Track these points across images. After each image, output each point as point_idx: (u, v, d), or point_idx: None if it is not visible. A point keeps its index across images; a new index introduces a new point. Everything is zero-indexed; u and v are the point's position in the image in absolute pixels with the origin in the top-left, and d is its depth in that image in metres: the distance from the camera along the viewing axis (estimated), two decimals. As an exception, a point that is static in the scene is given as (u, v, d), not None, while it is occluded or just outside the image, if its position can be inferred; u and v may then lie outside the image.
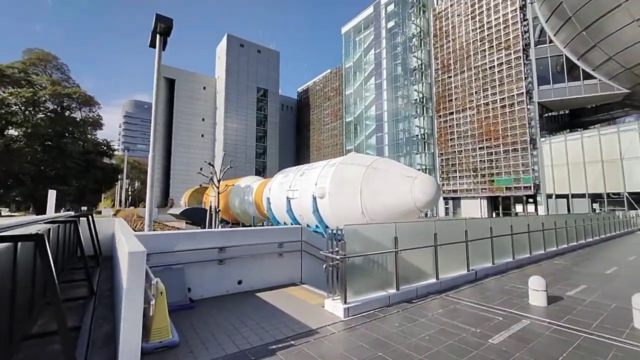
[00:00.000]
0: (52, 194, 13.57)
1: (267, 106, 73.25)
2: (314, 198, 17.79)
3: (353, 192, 15.94)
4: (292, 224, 21.73)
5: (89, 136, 45.87)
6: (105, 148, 49.20)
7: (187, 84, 68.12)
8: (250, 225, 29.55)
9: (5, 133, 36.27)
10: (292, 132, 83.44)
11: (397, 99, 49.32)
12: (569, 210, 34.37)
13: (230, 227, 33.07)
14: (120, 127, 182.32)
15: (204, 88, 70.45)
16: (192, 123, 68.38)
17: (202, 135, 69.64)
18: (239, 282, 6.57)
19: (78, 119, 42.09)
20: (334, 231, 17.89)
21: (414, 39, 48.18)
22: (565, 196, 34.52)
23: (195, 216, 11.94)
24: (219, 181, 25.34)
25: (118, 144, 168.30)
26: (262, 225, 27.35)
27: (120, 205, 59.28)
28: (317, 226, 18.98)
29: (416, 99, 47.64)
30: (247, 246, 6.57)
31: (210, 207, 23.93)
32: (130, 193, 57.19)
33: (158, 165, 64.47)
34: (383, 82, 52.14)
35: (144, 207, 55.26)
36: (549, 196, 35.71)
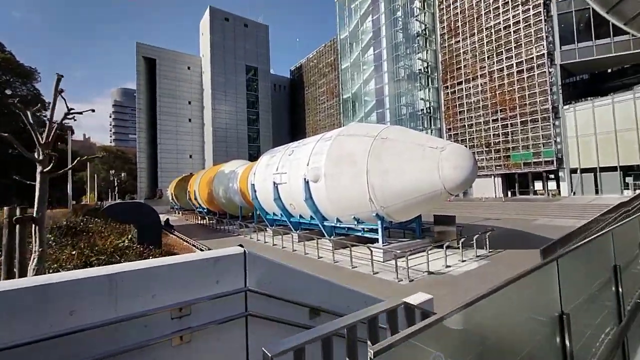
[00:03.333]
0: None
1: (257, 86, 68.16)
2: (306, 182, 13.80)
3: (357, 172, 11.94)
4: (281, 216, 17.91)
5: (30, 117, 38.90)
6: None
7: (169, 64, 62.79)
8: (238, 217, 25.76)
9: None
10: (286, 114, 78.59)
11: (399, 70, 44.60)
12: (596, 186, 30.63)
13: (217, 218, 29.30)
14: (110, 117, 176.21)
15: (189, 68, 65.14)
16: (178, 107, 63.51)
17: (190, 120, 64.93)
18: None
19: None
20: (337, 223, 12.98)
21: (415, 1, 42.95)
22: (593, 170, 30.68)
23: (130, 214, 8.22)
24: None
25: (110, 134, 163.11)
26: (252, 217, 23.51)
27: (100, 200, 55.46)
28: (311, 218, 15.12)
29: (420, 69, 42.95)
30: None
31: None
32: (116, 185, 53.16)
33: (143, 154, 60.18)
34: (382, 52, 47.18)
35: (130, 199, 51.15)
36: (573, 171, 31.88)
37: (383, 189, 11.35)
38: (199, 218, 32.25)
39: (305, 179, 13.87)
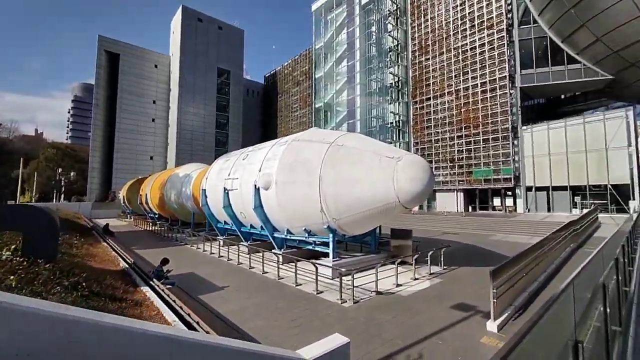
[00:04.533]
0: None
1: (229, 90, 66.25)
2: (257, 189, 12.63)
3: (309, 180, 10.96)
4: (232, 225, 16.45)
5: None
6: None
7: (134, 61, 59.38)
8: (188, 224, 23.79)
9: None
10: (258, 120, 76.95)
11: (371, 83, 45.03)
12: (548, 203, 32.04)
13: (168, 225, 27.06)
14: (69, 112, 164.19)
15: (156, 66, 62.04)
16: (141, 105, 59.96)
17: (153, 120, 61.46)
18: None
19: None
20: (287, 235, 11.69)
21: (389, 17, 43.91)
22: (546, 189, 32.11)
23: (12, 219, 6.64)
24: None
25: (67, 131, 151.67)
26: (205, 225, 21.72)
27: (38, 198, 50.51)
28: (262, 228, 13.90)
29: (391, 83, 43.60)
30: None
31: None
32: (63, 184, 48.44)
33: (97, 153, 55.79)
34: (356, 64, 47.54)
35: (77, 200, 46.79)
36: (529, 189, 33.21)
37: (336, 200, 10.46)
38: (150, 224, 29.72)
39: (256, 185, 12.71)
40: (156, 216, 29.72)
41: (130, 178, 48.79)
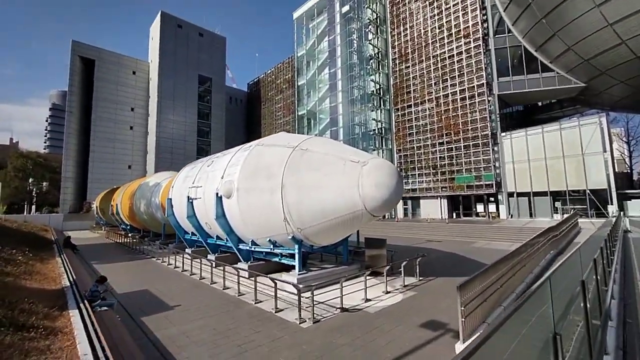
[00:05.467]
0: None
1: (211, 97, 65.13)
2: (219, 197, 11.73)
3: (272, 187, 10.13)
4: (199, 237, 15.37)
5: None
6: None
7: (111, 67, 57.64)
8: (160, 235, 22.42)
9: None
10: (242, 128, 75.84)
11: (353, 90, 44.91)
12: (530, 209, 32.17)
13: (139, 237, 25.59)
14: (47, 121, 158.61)
15: (134, 73, 60.41)
16: (118, 113, 58.00)
17: (131, 128, 59.50)
18: None
19: None
20: (251, 247, 10.77)
21: (370, 26, 44.20)
22: (527, 194, 32.26)
23: None
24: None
25: (45, 140, 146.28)
26: (176, 236, 20.46)
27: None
28: (226, 240, 12.92)
29: (373, 91, 43.59)
30: None
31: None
32: (34, 195, 45.85)
33: (71, 162, 53.37)
34: (337, 71, 47.48)
35: (48, 212, 44.34)
36: (510, 194, 33.31)
37: (299, 208, 9.67)
38: (122, 236, 28.10)
39: (217, 193, 11.80)
40: (128, 227, 28.13)
41: (106, 188, 46.73)
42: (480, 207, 36.06)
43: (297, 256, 10.24)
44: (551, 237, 14.20)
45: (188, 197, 14.19)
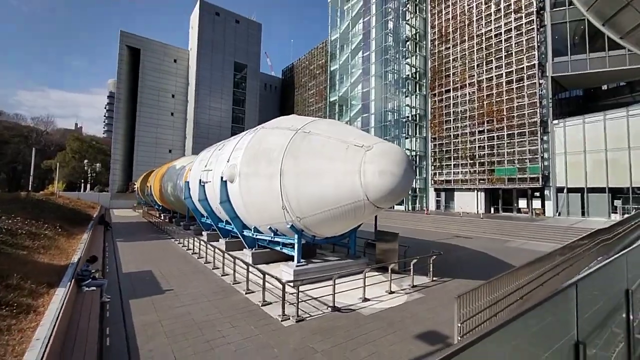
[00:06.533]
0: None
1: (246, 84, 66.00)
2: (223, 181, 11.40)
3: (271, 172, 9.51)
4: (207, 219, 15.36)
5: None
6: None
7: (155, 56, 60.53)
8: (184, 217, 23.20)
9: None
10: (275, 114, 76.09)
11: (387, 75, 42.57)
12: (583, 207, 28.45)
13: (171, 217, 26.78)
14: (105, 108, 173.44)
15: (175, 61, 62.91)
16: (161, 99, 61.11)
17: (172, 114, 62.49)
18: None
19: None
20: (253, 234, 10.06)
21: (407, 4, 41.15)
22: (580, 190, 28.49)
23: None
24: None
25: (103, 125, 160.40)
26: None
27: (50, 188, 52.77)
28: (225, 222, 12.65)
29: (408, 75, 40.95)
30: None
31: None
32: (90, 175, 50.44)
33: (119, 145, 57.59)
34: (371, 54, 45.22)
35: (99, 191, 48.53)
36: (560, 190, 29.68)
37: (298, 196, 8.96)
38: (155, 216, 29.72)
39: (222, 177, 11.48)
40: (160, 208, 29.63)
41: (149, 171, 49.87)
42: (522, 203, 32.71)
43: (296, 246, 9.61)
44: (600, 240, 12.07)
45: (200, 180, 14.15)
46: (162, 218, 27.44)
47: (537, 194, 31.54)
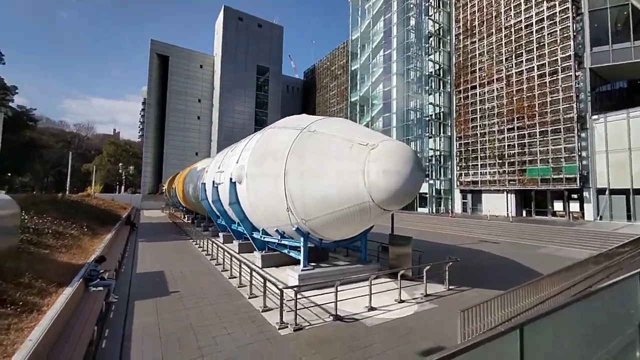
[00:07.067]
0: None
1: (268, 87, 67.00)
2: (232, 182, 11.38)
3: (276, 173, 9.32)
4: (221, 221, 15.49)
5: None
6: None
7: (182, 62, 63.07)
8: (204, 218, 23.70)
9: None
10: (297, 117, 76.84)
11: (409, 72, 41.36)
12: (628, 210, 25.90)
13: (194, 218, 27.53)
14: (140, 113, 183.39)
15: (201, 66, 65.16)
16: (188, 104, 63.51)
17: (198, 118, 64.73)
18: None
19: None
20: (261, 236, 9.95)
21: (430, -1, 39.82)
22: (625, 191, 25.98)
23: None
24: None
25: (138, 130, 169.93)
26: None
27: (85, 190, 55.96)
28: (237, 224, 12.62)
29: (431, 72, 39.57)
30: None
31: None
32: (124, 177, 53.54)
33: (150, 149, 60.44)
34: (393, 52, 44.18)
35: (132, 192, 51.16)
36: (601, 191, 27.24)
37: (303, 197, 8.69)
38: (179, 218, 30.72)
39: (231, 178, 11.46)
40: (184, 209, 30.58)
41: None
42: (558, 205, 30.38)
43: (302, 250, 9.34)
44: (646, 249, 10.75)
45: (213, 181, 14.30)
46: (185, 219, 28.24)
47: (575, 195, 29.17)
